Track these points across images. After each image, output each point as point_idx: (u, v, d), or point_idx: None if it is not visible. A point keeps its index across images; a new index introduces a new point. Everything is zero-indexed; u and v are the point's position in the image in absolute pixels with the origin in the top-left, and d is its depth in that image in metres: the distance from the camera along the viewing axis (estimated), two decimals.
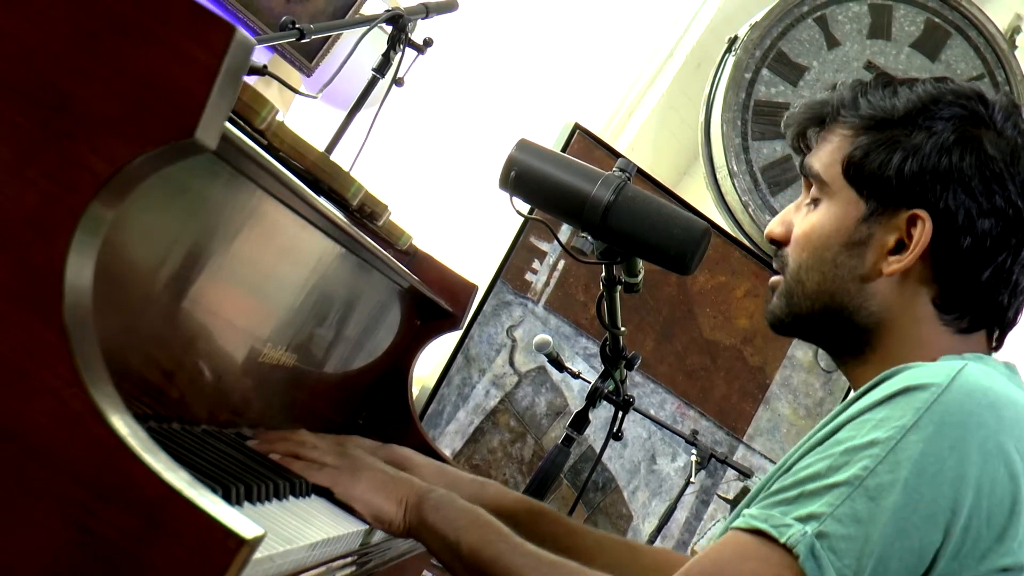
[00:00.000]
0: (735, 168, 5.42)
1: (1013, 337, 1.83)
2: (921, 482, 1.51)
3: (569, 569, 1.77)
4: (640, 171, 2.49)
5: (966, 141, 1.71)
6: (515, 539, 1.82)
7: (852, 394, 1.67)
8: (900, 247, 1.73)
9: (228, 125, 1.34)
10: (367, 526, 1.94)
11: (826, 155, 1.81)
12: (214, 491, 1.37)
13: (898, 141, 1.73)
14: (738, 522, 1.60)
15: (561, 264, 4.96)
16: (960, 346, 1.74)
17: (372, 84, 3.77)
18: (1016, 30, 6.13)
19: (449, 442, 4.83)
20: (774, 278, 1.88)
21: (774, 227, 1.88)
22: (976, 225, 1.70)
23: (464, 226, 5.76)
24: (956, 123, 1.72)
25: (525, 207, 2.26)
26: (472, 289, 3.00)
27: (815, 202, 1.82)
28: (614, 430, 2.80)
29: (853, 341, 1.80)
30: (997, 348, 1.81)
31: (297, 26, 3.29)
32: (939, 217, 1.70)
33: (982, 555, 1.53)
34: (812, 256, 1.80)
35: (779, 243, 1.87)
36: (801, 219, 1.84)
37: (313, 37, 3.37)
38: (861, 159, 1.75)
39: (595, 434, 4.78)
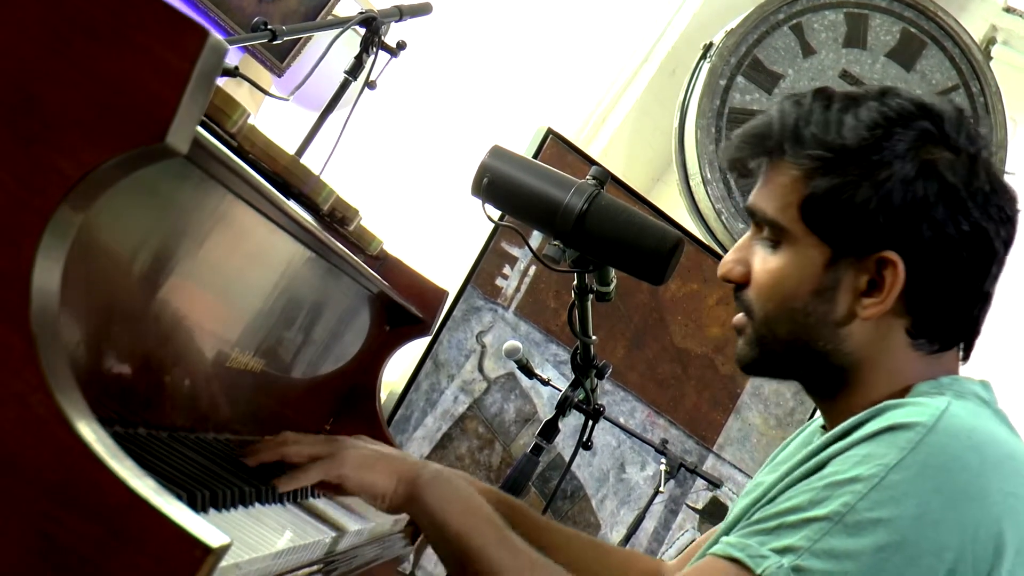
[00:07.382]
0: (708, 175, 5.43)
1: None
2: (903, 524, 1.49)
3: (552, 570, 1.75)
4: (613, 177, 2.49)
5: (926, 172, 1.64)
6: (505, 532, 1.79)
7: (839, 428, 1.64)
8: (871, 286, 1.68)
9: (199, 129, 1.33)
10: (334, 533, 1.93)
11: (778, 198, 1.73)
12: (179, 498, 1.36)
13: (856, 183, 1.65)
14: (716, 548, 1.60)
15: (532, 270, 4.95)
16: (933, 367, 1.71)
17: (344, 87, 3.76)
18: (991, 41, 6.17)
19: (417, 448, 4.82)
20: (739, 318, 1.81)
21: (732, 268, 1.80)
22: (946, 257, 1.65)
23: (435, 230, 5.74)
24: (912, 153, 1.65)
25: (497, 213, 2.25)
26: (442, 295, 2.99)
27: (774, 244, 1.75)
28: (584, 440, 2.79)
29: (828, 379, 1.76)
30: (965, 359, 1.79)
31: (269, 27, 3.28)
32: (909, 255, 1.65)
33: None
34: (779, 307, 1.73)
35: (738, 283, 1.80)
36: (761, 261, 1.76)
37: (285, 38, 3.36)
38: (821, 204, 1.68)
39: (564, 441, 4.77)
